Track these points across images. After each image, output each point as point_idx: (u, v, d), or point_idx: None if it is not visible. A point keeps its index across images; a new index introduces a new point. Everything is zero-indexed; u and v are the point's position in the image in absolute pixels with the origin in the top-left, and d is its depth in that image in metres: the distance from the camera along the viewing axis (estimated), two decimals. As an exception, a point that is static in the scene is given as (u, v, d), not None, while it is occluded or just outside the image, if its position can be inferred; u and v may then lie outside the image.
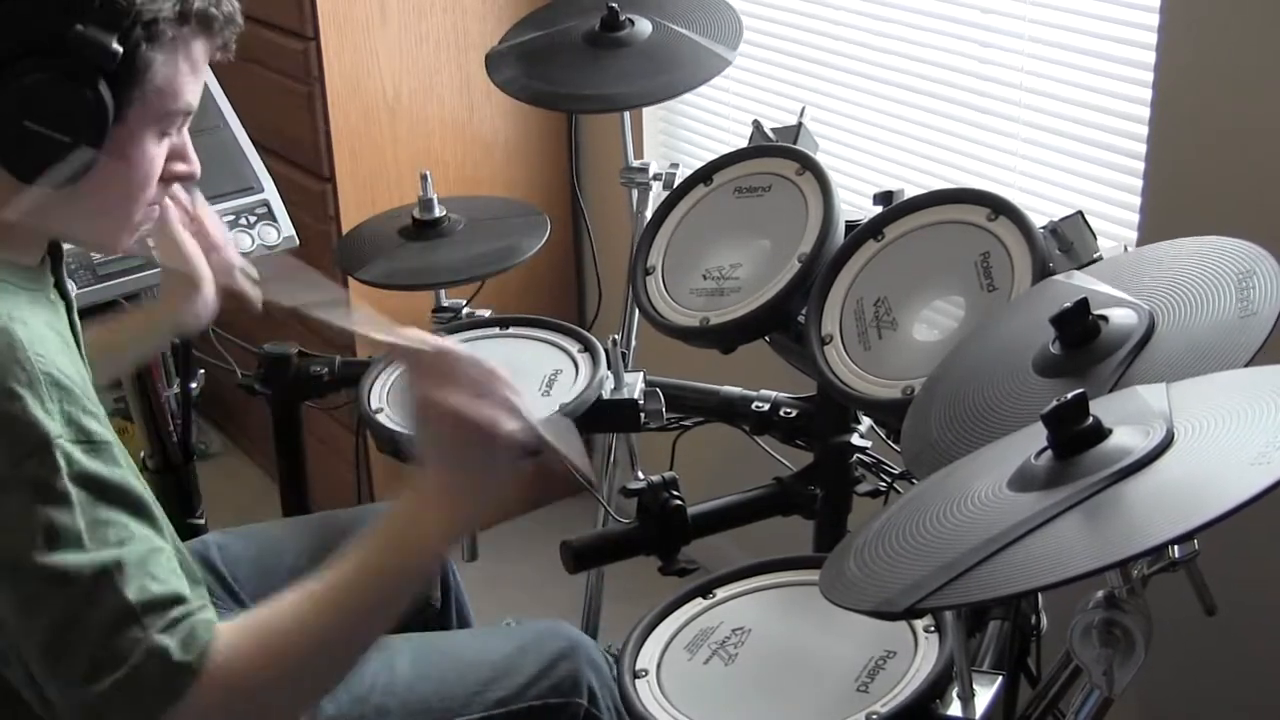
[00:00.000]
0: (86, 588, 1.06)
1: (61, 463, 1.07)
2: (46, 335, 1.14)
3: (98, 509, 1.08)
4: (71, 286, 1.68)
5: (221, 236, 1.62)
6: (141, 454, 2.04)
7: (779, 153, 1.82)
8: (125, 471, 1.12)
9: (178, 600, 1.10)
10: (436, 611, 1.81)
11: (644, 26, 2.03)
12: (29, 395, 1.07)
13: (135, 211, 1.23)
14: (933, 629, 1.26)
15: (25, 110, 1.12)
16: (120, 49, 1.12)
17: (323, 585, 1.15)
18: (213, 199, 2.01)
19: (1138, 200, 1.88)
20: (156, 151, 1.21)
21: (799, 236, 1.72)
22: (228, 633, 1.11)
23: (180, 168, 1.26)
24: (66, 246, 1.32)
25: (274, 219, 2.03)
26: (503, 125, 2.75)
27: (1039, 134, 2.02)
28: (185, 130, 1.25)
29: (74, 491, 1.07)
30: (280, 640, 1.13)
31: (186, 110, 1.22)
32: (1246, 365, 1.10)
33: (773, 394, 1.80)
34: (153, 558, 1.11)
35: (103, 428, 1.12)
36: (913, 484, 1.34)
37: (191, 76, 1.20)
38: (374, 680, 1.51)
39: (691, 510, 1.61)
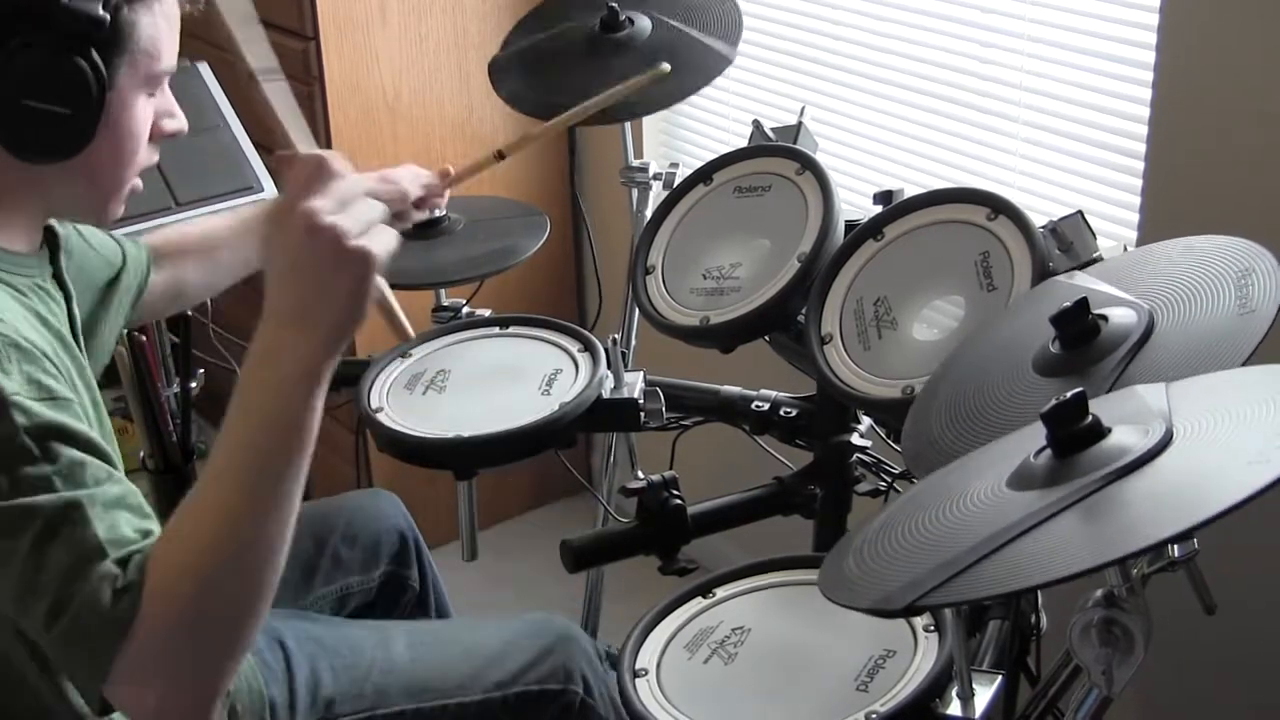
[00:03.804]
0: (52, 522, 1.05)
1: (19, 417, 1.06)
2: (9, 306, 1.15)
3: (64, 453, 1.07)
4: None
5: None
6: (141, 454, 2.04)
7: (779, 152, 1.82)
8: (91, 430, 1.11)
9: (144, 536, 1.08)
10: (416, 594, 1.82)
11: (644, 25, 2.03)
12: None
13: (128, 176, 1.25)
14: (932, 628, 1.26)
15: (21, 87, 1.13)
16: (106, 15, 1.14)
17: (212, 460, 1.09)
18: (213, 199, 2.01)
19: (1137, 200, 1.88)
20: (146, 113, 1.23)
21: (799, 236, 1.71)
22: (153, 555, 1.06)
23: (169, 125, 1.28)
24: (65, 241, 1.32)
25: (274, 219, 2.03)
26: (502, 125, 2.74)
27: (1039, 134, 2.02)
28: (166, 87, 1.26)
29: (33, 444, 1.06)
30: (199, 530, 1.06)
31: (170, 70, 1.24)
32: (1245, 363, 1.10)
33: (773, 394, 1.80)
34: (131, 496, 1.10)
35: (67, 390, 1.12)
36: (913, 483, 1.34)
37: (170, 34, 1.22)
38: (372, 660, 1.52)
39: (691, 510, 1.60)
